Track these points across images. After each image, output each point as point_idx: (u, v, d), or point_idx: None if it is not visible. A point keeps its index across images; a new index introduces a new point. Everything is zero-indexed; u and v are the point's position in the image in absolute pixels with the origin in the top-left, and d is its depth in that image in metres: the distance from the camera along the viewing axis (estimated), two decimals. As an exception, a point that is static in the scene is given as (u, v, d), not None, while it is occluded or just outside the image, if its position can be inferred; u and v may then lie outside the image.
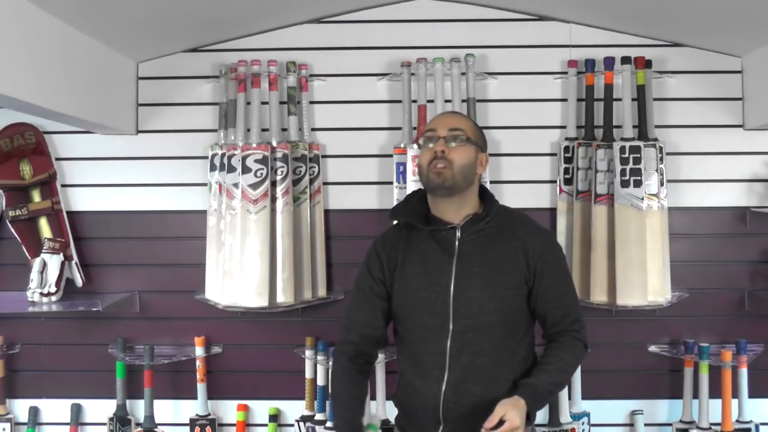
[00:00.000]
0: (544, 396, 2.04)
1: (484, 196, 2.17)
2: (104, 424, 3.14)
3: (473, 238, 2.08)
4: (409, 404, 2.14)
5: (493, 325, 2.05)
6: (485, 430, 1.90)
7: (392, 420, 2.99)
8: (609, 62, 3.04)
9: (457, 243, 2.08)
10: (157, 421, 3.10)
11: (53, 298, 2.96)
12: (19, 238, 3.09)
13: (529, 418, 1.99)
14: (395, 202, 3.01)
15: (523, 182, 3.12)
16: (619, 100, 3.04)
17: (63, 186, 3.16)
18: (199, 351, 3.10)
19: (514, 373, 2.07)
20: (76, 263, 3.09)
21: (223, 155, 3.01)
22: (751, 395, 2.99)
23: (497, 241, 2.09)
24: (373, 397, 3.03)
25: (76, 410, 3.16)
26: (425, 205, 2.16)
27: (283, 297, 2.96)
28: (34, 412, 3.16)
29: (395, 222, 2.26)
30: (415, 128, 3.06)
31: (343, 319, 2.22)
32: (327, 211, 3.14)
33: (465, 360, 2.03)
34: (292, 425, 3.11)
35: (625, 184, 2.93)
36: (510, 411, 1.90)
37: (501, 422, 1.89)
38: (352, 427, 2.09)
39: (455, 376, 2.03)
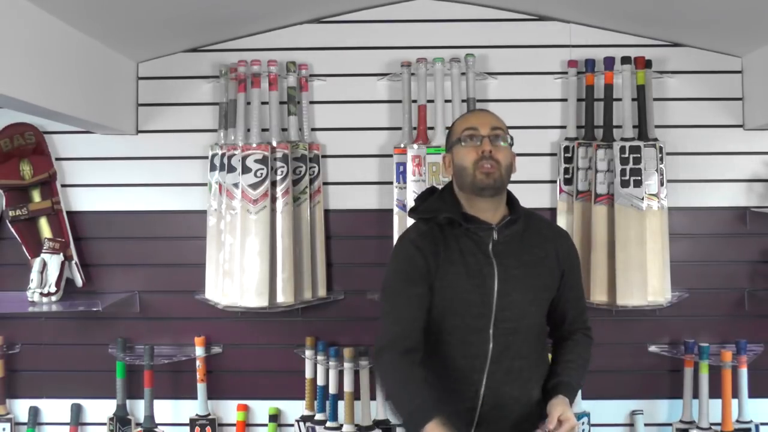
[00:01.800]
0: (576, 393, 2.08)
1: (509, 197, 2.14)
2: (104, 424, 3.14)
3: (507, 239, 2.04)
4: (441, 406, 2.01)
5: (531, 327, 2.06)
6: None
7: (393, 420, 3.01)
8: (609, 62, 3.04)
9: (491, 244, 2.03)
10: (157, 421, 3.10)
11: (53, 298, 2.96)
12: (19, 238, 3.09)
13: None
14: (395, 202, 3.01)
15: (523, 182, 3.08)
16: (619, 100, 3.04)
17: (63, 186, 3.16)
18: (199, 351, 3.10)
19: (542, 373, 2.09)
20: (76, 263, 3.09)
21: (223, 155, 3.01)
22: (751, 395, 2.99)
23: (530, 244, 2.07)
24: (373, 398, 3.04)
25: (76, 410, 3.16)
26: (458, 202, 2.08)
27: (283, 297, 2.96)
28: (34, 412, 3.16)
29: (414, 220, 2.13)
30: (415, 128, 3.06)
31: (382, 321, 2.04)
32: (327, 211, 3.14)
33: (505, 363, 2.01)
34: (292, 425, 3.11)
35: (625, 184, 2.93)
36: (566, 411, 1.93)
37: (559, 423, 1.91)
38: (432, 408, 1.89)
39: (495, 379, 2.00)
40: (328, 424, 3.05)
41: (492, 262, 2.00)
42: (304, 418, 3.09)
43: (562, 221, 3.05)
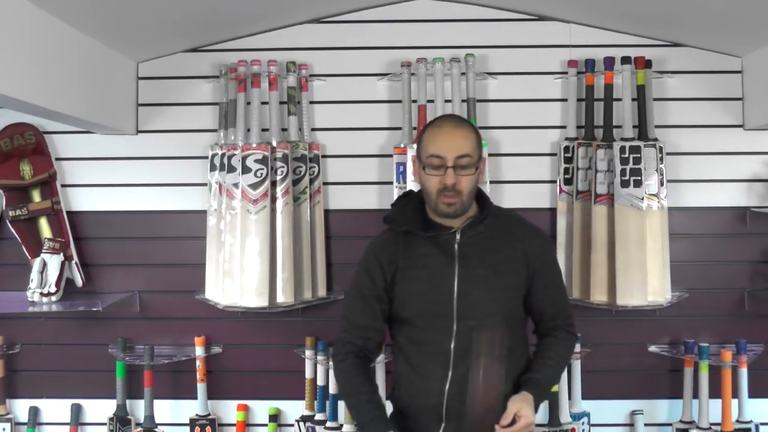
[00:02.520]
0: (548, 389, 2.15)
1: (480, 197, 2.19)
2: (104, 424, 3.14)
3: (473, 240, 2.11)
4: (409, 403, 2.17)
5: (498, 325, 2.08)
6: (500, 428, 1.96)
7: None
8: (609, 62, 3.04)
9: (456, 246, 2.11)
10: (157, 421, 3.10)
11: (53, 298, 2.96)
12: (19, 238, 3.09)
13: (535, 411, 2.05)
14: (395, 203, 3.02)
15: (523, 182, 3.12)
16: (619, 100, 3.04)
17: (63, 186, 3.16)
18: (199, 351, 3.10)
19: (514, 371, 2.11)
20: (76, 263, 3.09)
21: (223, 155, 3.01)
22: (751, 395, 2.99)
23: (497, 243, 2.13)
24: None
25: (76, 410, 3.16)
26: (422, 210, 2.17)
27: (283, 297, 2.96)
28: (34, 412, 3.16)
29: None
30: (415, 128, 3.06)
31: (342, 321, 2.24)
32: (327, 211, 3.14)
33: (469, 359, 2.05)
34: (292, 425, 3.11)
35: (625, 184, 2.93)
36: (523, 407, 1.98)
37: (515, 418, 1.96)
38: (386, 422, 2.08)
39: (459, 375, 2.06)
40: (328, 424, 3.05)
41: (453, 263, 2.08)
42: (304, 418, 3.09)
43: (562, 221, 3.05)
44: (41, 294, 2.94)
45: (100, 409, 3.17)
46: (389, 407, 2.23)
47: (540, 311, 2.19)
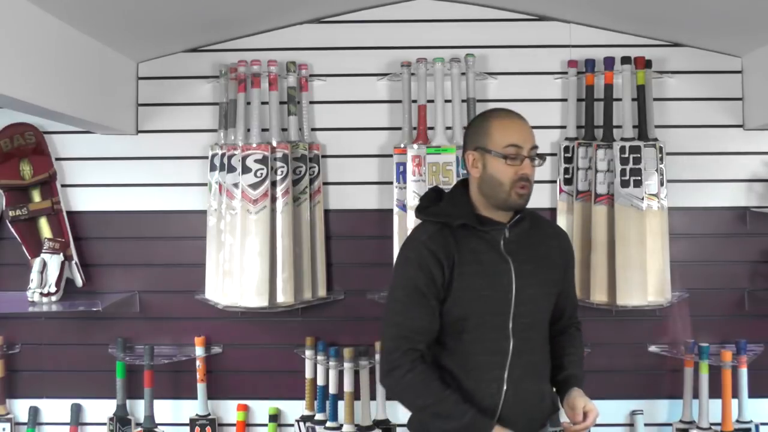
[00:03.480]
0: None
1: None
2: (104, 424, 3.14)
3: (517, 237, 2.08)
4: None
5: (543, 321, 2.11)
6: (573, 424, 2.01)
7: (393, 420, 3.02)
8: (609, 62, 3.04)
9: (502, 242, 2.05)
10: (157, 421, 3.10)
11: (53, 298, 2.96)
12: (19, 238, 3.09)
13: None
14: (395, 202, 3.01)
15: (523, 182, 3.11)
16: (619, 100, 3.04)
17: (63, 186, 3.16)
18: (199, 351, 3.10)
19: (549, 367, 2.14)
20: (76, 263, 3.09)
21: (223, 155, 3.01)
22: (751, 395, 2.99)
23: (536, 241, 2.12)
24: (373, 398, 3.03)
25: (76, 410, 3.16)
26: (471, 204, 2.09)
27: (283, 297, 2.96)
28: (34, 412, 3.16)
29: (420, 220, 2.12)
30: (415, 128, 3.06)
31: (389, 328, 2.03)
32: (327, 211, 3.14)
33: (525, 358, 2.04)
34: (292, 425, 3.11)
35: (625, 184, 2.93)
36: (588, 402, 2.02)
37: (585, 414, 2.01)
38: (487, 416, 1.97)
39: (516, 375, 2.02)
40: (328, 424, 3.05)
41: (507, 260, 2.04)
42: (304, 418, 3.09)
43: (562, 221, 3.05)
44: (41, 294, 2.94)
45: (100, 409, 3.16)
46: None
47: (562, 309, 2.19)
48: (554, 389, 2.15)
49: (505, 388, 2.01)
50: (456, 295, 2.00)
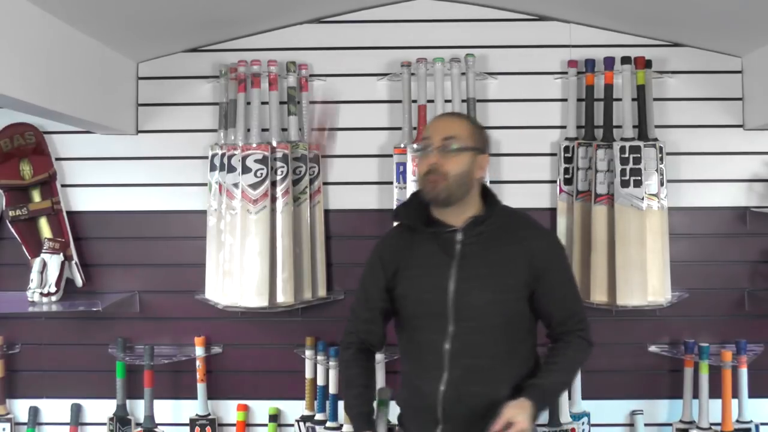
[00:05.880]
0: (551, 396, 2.07)
1: (487, 196, 2.15)
2: (104, 424, 3.14)
3: (475, 240, 2.07)
4: (410, 403, 2.16)
5: (494, 327, 2.05)
6: None
7: (393, 419, 3.01)
8: (609, 62, 3.04)
9: (458, 245, 2.07)
10: (157, 421, 3.10)
11: (53, 298, 2.96)
12: (19, 238, 3.09)
13: (534, 418, 1.99)
14: (395, 202, 3.01)
15: (523, 182, 3.12)
16: (619, 100, 3.04)
17: (63, 186, 3.16)
18: (199, 351, 3.10)
19: (515, 373, 2.07)
20: (76, 263, 3.09)
21: (223, 155, 3.02)
22: (751, 395, 2.99)
23: (500, 243, 2.08)
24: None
25: (76, 410, 3.16)
26: (427, 206, 2.13)
27: (283, 297, 2.96)
28: (34, 412, 3.16)
29: (396, 223, 2.25)
30: (415, 128, 3.06)
31: (352, 312, 2.26)
32: (327, 211, 3.14)
33: (466, 361, 2.03)
34: (292, 425, 3.11)
35: (625, 184, 2.93)
36: (518, 414, 1.91)
37: (508, 425, 1.90)
38: (367, 421, 2.07)
39: (455, 376, 2.03)
40: (328, 424, 3.05)
41: (452, 263, 2.05)
42: (304, 418, 3.09)
43: (562, 221, 3.05)
44: (41, 294, 2.94)
45: (100, 409, 3.16)
46: (395, 408, 2.22)
47: (548, 315, 2.12)
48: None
49: (442, 388, 2.03)
50: (400, 296, 2.11)
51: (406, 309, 2.12)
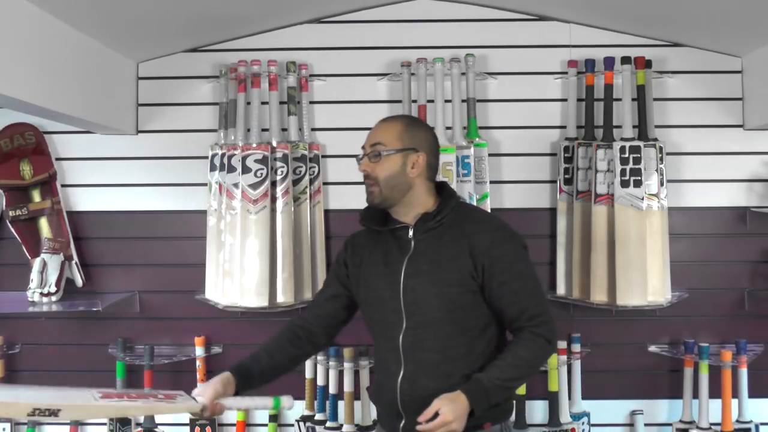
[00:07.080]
0: (492, 391, 2.00)
1: (443, 193, 2.16)
2: (104, 424, 3.14)
3: (426, 236, 2.10)
4: (376, 399, 2.23)
5: (441, 321, 2.06)
6: (420, 423, 1.93)
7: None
8: (609, 62, 3.04)
9: (412, 242, 2.11)
10: (157, 421, 3.10)
11: (53, 298, 2.96)
12: (19, 238, 3.09)
13: (473, 413, 1.96)
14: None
15: (523, 182, 3.12)
16: (619, 100, 3.04)
17: (63, 186, 3.16)
18: (199, 351, 3.10)
19: (472, 369, 2.05)
20: (76, 263, 3.09)
21: (223, 155, 3.02)
22: (751, 395, 2.99)
23: (447, 239, 2.09)
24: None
25: (76, 410, 3.15)
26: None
27: (283, 297, 2.97)
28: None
29: None
30: (415, 128, 3.06)
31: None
32: (327, 211, 3.14)
33: (417, 355, 2.07)
34: (292, 425, 3.11)
35: (625, 184, 2.93)
36: (445, 405, 1.93)
37: (435, 416, 1.92)
38: (239, 366, 2.14)
39: (409, 371, 2.07)
40: (328, 424, 3.05)
41: (403, 259, 2.10)
42: (304, 418, 3.09)
43: (562, 221, 3.05)
44: (41, 294, 2.94)
45: (100, 409, 3.16)
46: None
47: (499, 311, 2.08)
48: None
49: (399, 383, 2.08)
50: (362, 293, 2.19)
51: (367, 305, 2.19)
